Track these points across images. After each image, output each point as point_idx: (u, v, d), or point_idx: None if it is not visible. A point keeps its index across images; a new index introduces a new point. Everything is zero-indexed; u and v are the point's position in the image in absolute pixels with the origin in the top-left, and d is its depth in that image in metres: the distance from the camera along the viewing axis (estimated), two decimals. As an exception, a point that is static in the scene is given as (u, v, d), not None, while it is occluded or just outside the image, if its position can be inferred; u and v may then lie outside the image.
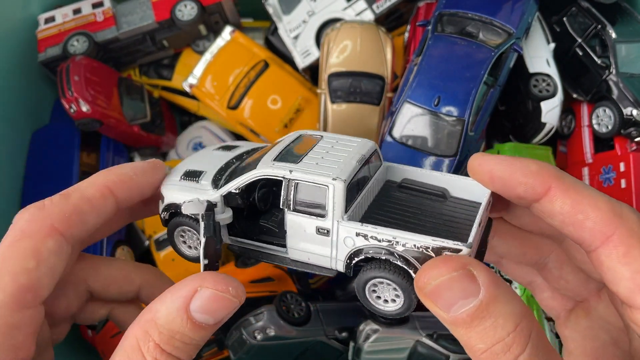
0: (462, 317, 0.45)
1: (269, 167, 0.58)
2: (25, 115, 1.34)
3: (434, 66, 1.04)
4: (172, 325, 0.48)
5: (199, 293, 0.48)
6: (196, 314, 0.48)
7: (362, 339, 1.08)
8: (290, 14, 1.32)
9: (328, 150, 0.61)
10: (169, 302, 0.49)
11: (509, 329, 0.44)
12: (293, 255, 0.60)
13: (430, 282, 0.47)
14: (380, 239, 0.54)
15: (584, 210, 0.51)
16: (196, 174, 0.63)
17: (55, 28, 1.35)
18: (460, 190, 0.64)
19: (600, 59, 1.16)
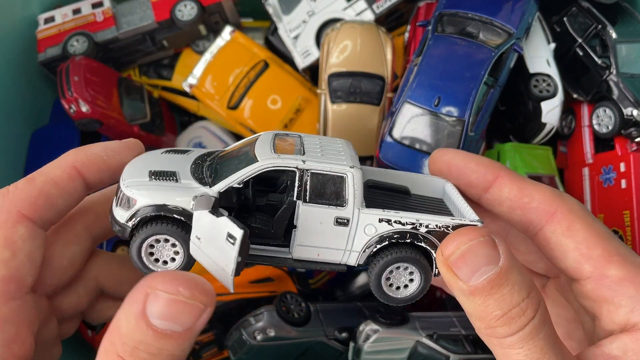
0: (482, 284, 0.47)
1: (276, 158, 0.54)
2: (24, 115, 1.34)
3: (434, 66, 1.04)
4: (134, 334, 0.43)
5: (151, 297, 0.43)
6: (156, 321, 0.43)
7: (362, 339, 1.08)
8: (290, 14, 1.32)
9: (321, 146, 0.61)
10: (126, 308, 0.44)
11: (523, 295, 0.47)
12: (298, 254, 0.57)
13: (458, 248, 0.48)
14: (405, 222, 0.55)
15: (529, 193, 0.56)
16: (169, 174, 0.56)
17: (55, 28, 1.35)
18: (418, 187, 0.67)
19: (601, 59, 1.16)
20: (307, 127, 1.32)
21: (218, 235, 0.50)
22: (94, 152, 0.56)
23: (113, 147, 0.58)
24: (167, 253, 0.55)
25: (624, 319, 0.51)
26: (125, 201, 0.54)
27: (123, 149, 0.58)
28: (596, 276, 0.53)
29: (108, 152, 0.56)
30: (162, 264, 0.55)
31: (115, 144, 0.58)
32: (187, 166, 0.59)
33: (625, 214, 1.09)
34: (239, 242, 0.49)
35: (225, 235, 0.50)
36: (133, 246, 0.54)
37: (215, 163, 0.60)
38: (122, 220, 0.54)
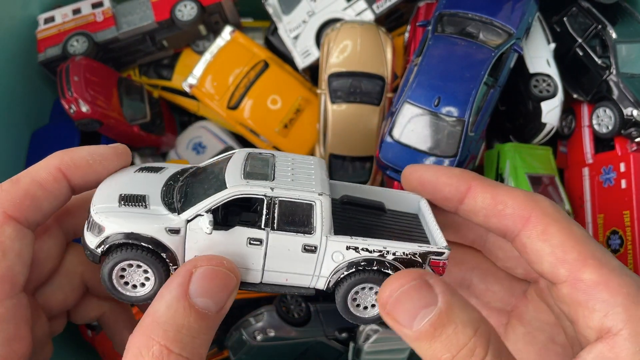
0: (425, 328, 0.46)
1: (244, 185, 0.54)
2: (24, 115, 1.34)
3: (434, 66, 1.04)
4: (175, 318, 0.45)
5: (195, 274, 0.47)
6: (197, 299, 0.46)
7: (362, 339, 1.08)
8: (290, 14, 1.32)
9: (292, 168, 0.60)
10: (166, 295, 0.47)
11: (470, 334, 0.46)
12: (266, 278, 0.58)
13: (392, 295, 0.48)
14: (372, 249, 0.55)
15: (503, 200, 0.56)
16: (139, 199, 0.56)
17: (55, 28, 1.35)
18: (394, 203, 0.67)
19: (601, 59, 1.16)
20: (307, 127, 1.32)
21: (237, 242, 0.54)
22: (81, 155, 0.56)
23: (100, 152, 0.58)
24: (138, 278, 0.56)
25: (598, 324, 0.51)
26: (95, 227, 0.54)
27: (110, 155, 0.58)
28: (571, 280, 0.52)
29: (94, 157, 0.57)
30: (132, 287, 0.56)
31: (103, 149, 0.58)
32: (158, 188, 0.59)
33: (625, 214, 1.09)
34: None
35: (247, 241, 0.54)
36: (104, 270, 0.54)
37: (186, 185, 0.59)
38: (91, 245, 0.55)
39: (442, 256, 0.56)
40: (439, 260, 0.56)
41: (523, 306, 0.65)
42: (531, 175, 1.12)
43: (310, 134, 1.31)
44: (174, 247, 0.54)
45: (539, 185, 1.14)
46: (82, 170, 0.56)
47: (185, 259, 0.55)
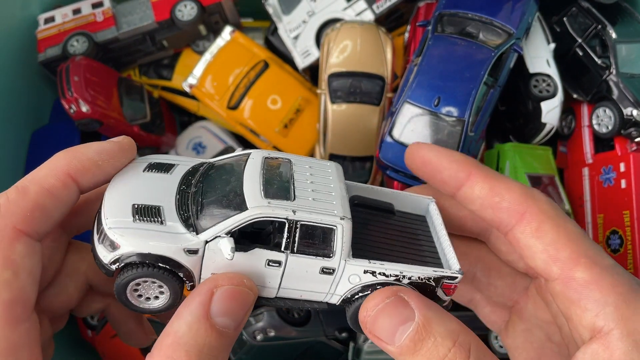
0: (406, 343, 0.47)
1: (266, 207, 0.53)
2: (25, 115, 1.34)
3: (434, 66, 1.04)
4: (197, 338, 0.45)
5: (217, 294, 0.46)
6: (218, 319, 0.46)
7: (362, 339, 1.08)
8: (290, 14, 1.32)
9: (311, 180, 0.59)
10: (187, 316, 0.46)
11: (449, 345, 0.46)
12: (281, 294, 0.57)
13: (369, 314, 0.49)
14: (389, 274, 0.55)
15: (500, 193, 0.56)
16: (153, 212, 0.54)
17: (55, 28, 1.35)
18: (403, 204, 0.67)
19: (601, 59, 1.16)
20: (307, 127, 1.32)
21: (255, 263, 0.53)
22: (88, 157, 0.53)
23: (107, 150, 0.55)
24: (152, 292, 0.55)
25: (590, 323, 0.51)
26: (108, 242, 0.52)
27: (117, 152, 0.56)
28: (563, 278, 0.52)
29: (102, 157, 0.54)
30: (145, 300, 0.55)
31: (109, 146, 0.56)
32: (172, 197, 0.56)
33: (625, 214, 1.09)
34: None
35: (265, 262, 0.53)
36: (118, 285, 0.53)
37: (201, 193, 0.57)
38: (105, 260, 0.53)
39: (455, 280, 0.57)
40: (451, 283, 0.57)
41: (523, 302, 0.65)
42: (531, 175, 1.12)
43: (310, 134, 1.31)
44: (191, 266, 0.53)
45: (539, 185, 1.14)
46: (91, 173, 0.53)
47: (202, 276, 0.54)
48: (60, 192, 0.51)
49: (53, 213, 0.51)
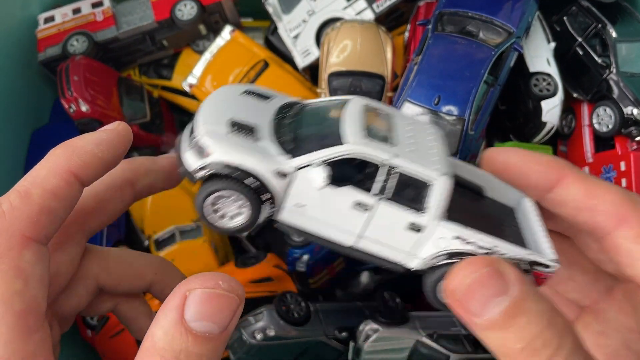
0: (496, 317, 0.44)
1: (366, 145, 0.50)
2: (24, 114, 1.34)
3: (434, 65, 1.04)
4: (173, 343, 0.43)
5: (189, 298, 0.43)
6: (194, 324, 0.43)
7: (362, 338, 1.08)
8: (290, 14, 1.32)
9: (412, 134, 0.55)
10: (162, 320, 0.43)
11: (541, 325, 0.44)
12: (359, 244, 0.54)
13: (462, 282, 0.45)
14: (481, 245, 0.52)
15: (598, 194, 0.52)
16: (249, 129, 0.52)
17: (55, 28, 1.35)
18: (493, 190, 0.62)
19: (601, 59, 1.16)
20: (307, 127, 1.32)
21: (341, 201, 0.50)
22: (87, 150, 0.50)
23: (105, 140, 0.52)
24: (231, 210, 0.52)
25: None
26: (198, 148, 0.50)
27: (115, 140, 0.53)
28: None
29: (102, 148, 0.51)
30: (220, 217, 0.53)
31: (106, 136, 0.53)
32: (268, 121, 0.54)
33: (625, 213, 1.09)
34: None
35: (352, 204, 0.50)
36: (200, 196, 0.51)
37: (297, 123, 0.55)
38: (192, 167, 0.51)
39: (548, 269, 0.52)
40: (543, 272, 0.53)
41: (605, 304, 0.62)
42: (531, 175, 1.12)
43: (310, 134, 1.31)
44: (277, 190, 0.50)
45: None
46: (93, 166, 0.50)
47: (286, 205, 0.52)
48: (64, 192, 0.49)
49: (59, 214, 0.49)
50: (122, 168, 0.54)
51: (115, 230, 1.29)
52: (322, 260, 1.22)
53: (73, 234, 0.56)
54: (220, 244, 1.34)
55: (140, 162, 0.54)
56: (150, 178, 0.56)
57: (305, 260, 1.21)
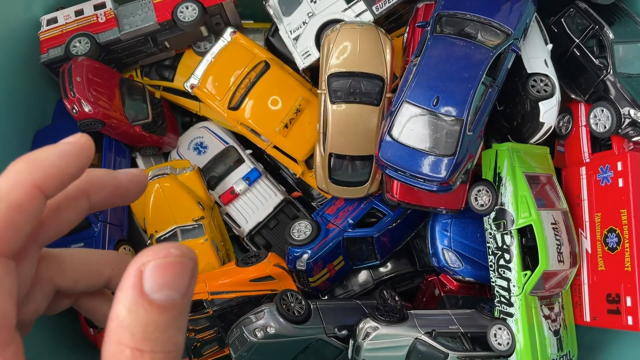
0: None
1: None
2: (27, 115, 1.35)
3: (432, 66, 1.05)
4: (138, 319, 0.43)
5: (145, 272, 0.43)
6: (155, 295, 0.43)
7: (361, 336, 1.09)
8: (291, 16, 1.33)
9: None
10: (123, 299, 0.44)
11: None
12: None
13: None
14: None
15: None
16: None
17: (58, 29, 1.36)
18: None
19: (598, 60, 1.17)
20: (308, 127, 1.33)
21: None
22: (51, 163, 0.49)
23: (69, 152, 0.51)
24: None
25: None
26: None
27: (79, 153, 0.51)
28: None
29: (66, 161, 0.50)
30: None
31: (70, 148, 0.51)
32: None
33: (622, 212, 1.10)
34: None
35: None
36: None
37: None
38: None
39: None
40: None
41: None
42: (529, 175, 1.13)
43: (311, 134, 1.32)
44: None
45: (537, 184, 1.15)
46: (57, 179, 0.49)
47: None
48: (29, 205, 0.48)
49: (24, 228, 0.48)
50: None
51: (118, 230, 1.30)
52: (322, 259, 1.23)
53: (29, 245, 0.55)
54: (221, 243, 1.36)
55: (97, 174, 0.53)
56: (106, 192, 0.55)
57: (306, 259, 1.22)
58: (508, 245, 1.10)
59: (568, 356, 1.12)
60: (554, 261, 1.07)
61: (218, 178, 1.44)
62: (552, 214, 1.11)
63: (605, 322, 1.10)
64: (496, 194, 1.13)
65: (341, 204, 1.34)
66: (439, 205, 1.22)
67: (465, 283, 1.28)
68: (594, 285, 1.14)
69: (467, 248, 1.25)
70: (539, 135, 1.18)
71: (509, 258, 1.09)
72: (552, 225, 1.09)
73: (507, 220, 1.10)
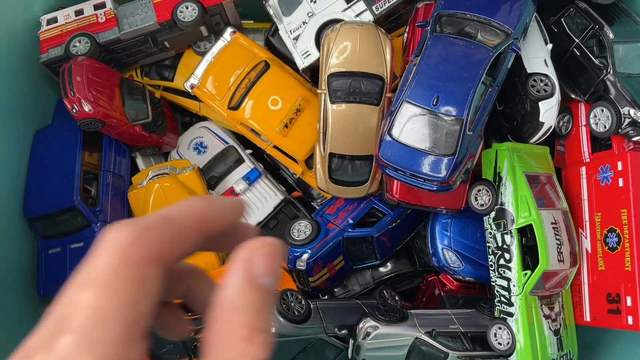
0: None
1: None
2: (27, 115, 1.35)
3: (432, 66, 1.05)
4: (251, 300, 0.47)
5: (255, 259, 0.48)
6: (261, 280, 0.47)
7: (361, 336, 1.09)
8: (291, 15, 1.33)
9: None
10: (236, 282, 0.47)
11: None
12: None
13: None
14: None
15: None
16: None
17: (58, 29, 1.36)
18: None
19: (598, 59, 1.17)
20: (307, 127, 1.33)
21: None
22: (220, 206, 0.54)
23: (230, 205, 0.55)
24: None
25: None
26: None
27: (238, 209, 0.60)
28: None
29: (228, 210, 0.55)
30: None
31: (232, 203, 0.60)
32: None
33: (622, 212, 1.10)
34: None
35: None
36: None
37: None
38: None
39: None
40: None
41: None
42: (529, 174, 1.13)
43: (311, 134, 1.32)
44: None
45: (537, 184, 1.15)
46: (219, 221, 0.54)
47: None
48: (195, 233, 0.52)
49: (186, 249, 0.51)
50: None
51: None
52: (322, 259, 1.23)
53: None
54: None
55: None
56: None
57: (305, 259, 1.22)
58: (508, 245, 1.10)
59: (568, 356, 1.11)
60: (554, 261, 1.07)
61: (218, 178, 1.44)
62: (552, 214, 1.11)
63: (605, 321, 1.10)
64: (496, 194, 1.13)
65: (341, 203, 1.34)
66: (439, 205, 1.22)
67: (465, 283, 1.28)
68: (594, 285, 1.14)
69: (467, 248, 1.25)
70: (539, 135, 1.18)
71: (509, 258, 1.09)
72: (552, 225, 1.09)
73: (507, 220, 1.10)
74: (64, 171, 1.28)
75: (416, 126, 1.04)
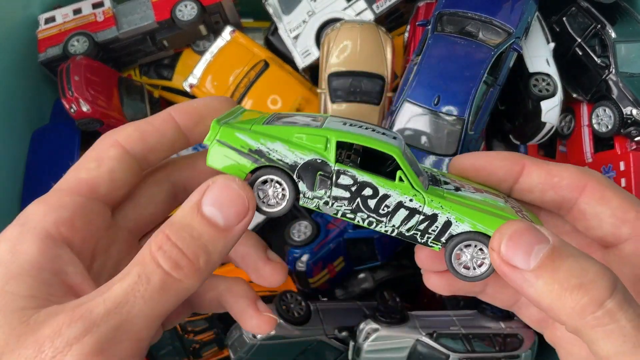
0: (544, 261, 0.47)
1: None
2: (25, 114, 1.34)
3: (433, 65, 1.04)
4: (183, 219, 0.49)
5: (209, 188, 0.50)
6: (206, 207, 0.49)
7: (362, 338, 1.08)
8: (290, 14, 1.32)
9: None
10: (184, 205, 0.50)
11: (590, 262, 0.46)
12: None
13: (503, 237, 0.49)
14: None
15: (558, 173, 0.59)
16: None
17: (56, 28, 1.35)
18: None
19: (600, 59, 1.16)
20: (307, 127, 1.32)
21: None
22: (194, 106, 0.59)
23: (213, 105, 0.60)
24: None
25: None
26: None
27: (221, 106, 0.61)
28: (634, 237, 0.55)
29: (209, 109, 0.59)
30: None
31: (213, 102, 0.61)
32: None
33: (624, 213, 1.09)
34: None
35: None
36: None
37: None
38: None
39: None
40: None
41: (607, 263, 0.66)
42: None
43: (310, 134, 1.31)
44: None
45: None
46: (195, 119, 0.59)
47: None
48: (159, 123, 0.58)
49: (150, 138, 0.57)
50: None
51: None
52: (322, 260, 1.22)
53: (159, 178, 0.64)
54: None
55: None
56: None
57: (305, 260, 1.21)
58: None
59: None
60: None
61: (217, 178, 1.43)
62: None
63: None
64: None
65: (341, 204, 1.33)
66: (439, 205, 1.21)
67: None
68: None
69: (468, 248, 1.24)
70: (540, 135, 1.18)
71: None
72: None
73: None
74: (62, 171, 1.26)
75: (417, 126, 1.03)
